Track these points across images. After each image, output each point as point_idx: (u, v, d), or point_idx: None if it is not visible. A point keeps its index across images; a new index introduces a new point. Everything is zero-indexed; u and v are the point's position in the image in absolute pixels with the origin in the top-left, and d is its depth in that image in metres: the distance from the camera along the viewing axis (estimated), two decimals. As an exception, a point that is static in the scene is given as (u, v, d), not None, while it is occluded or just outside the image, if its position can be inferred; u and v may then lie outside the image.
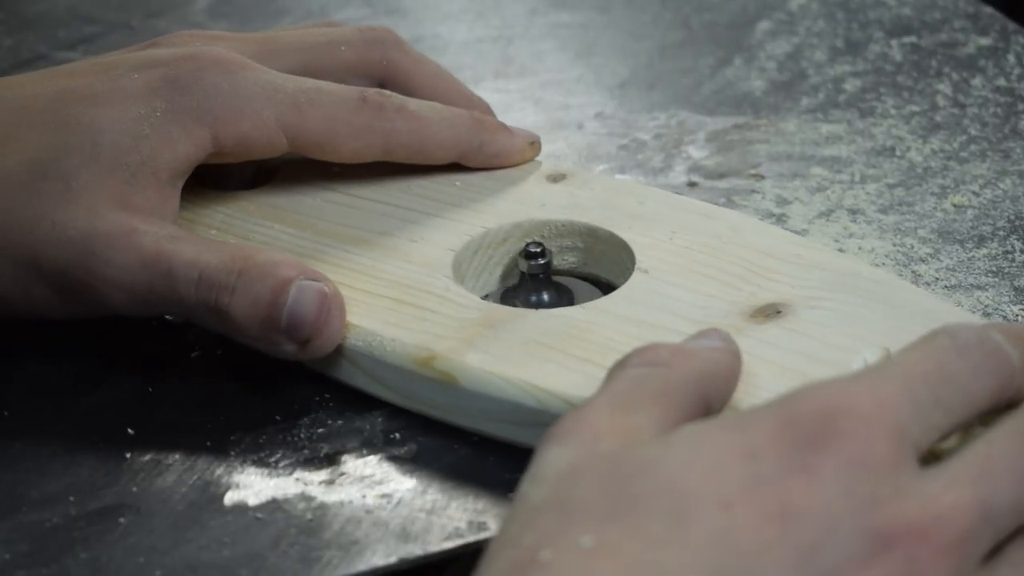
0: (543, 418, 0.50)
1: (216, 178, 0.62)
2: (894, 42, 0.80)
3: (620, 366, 0.45)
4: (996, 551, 0.39)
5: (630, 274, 0.57)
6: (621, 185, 0.63)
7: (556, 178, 0.63)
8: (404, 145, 0.61)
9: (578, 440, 0.41)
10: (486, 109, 0.66)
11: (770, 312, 0.53)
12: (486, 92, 0.77)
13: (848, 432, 0.39)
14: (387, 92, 0.61)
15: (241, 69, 0.58)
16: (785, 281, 0.55)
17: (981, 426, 0.42)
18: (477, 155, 0.63)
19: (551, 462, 0.40)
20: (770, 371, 0.50)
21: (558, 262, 0.60)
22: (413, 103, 0.61)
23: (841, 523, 0.38)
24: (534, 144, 0.64)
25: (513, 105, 0.76)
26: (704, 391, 0.44)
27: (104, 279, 0.54)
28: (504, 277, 0.60)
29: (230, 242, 0.58)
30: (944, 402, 0.41)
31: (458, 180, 0.63)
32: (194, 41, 0.61)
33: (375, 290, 0.56)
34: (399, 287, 0.56)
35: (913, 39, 0.80)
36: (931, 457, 0.41)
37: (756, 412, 0.40)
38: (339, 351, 0.55)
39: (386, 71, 0.64)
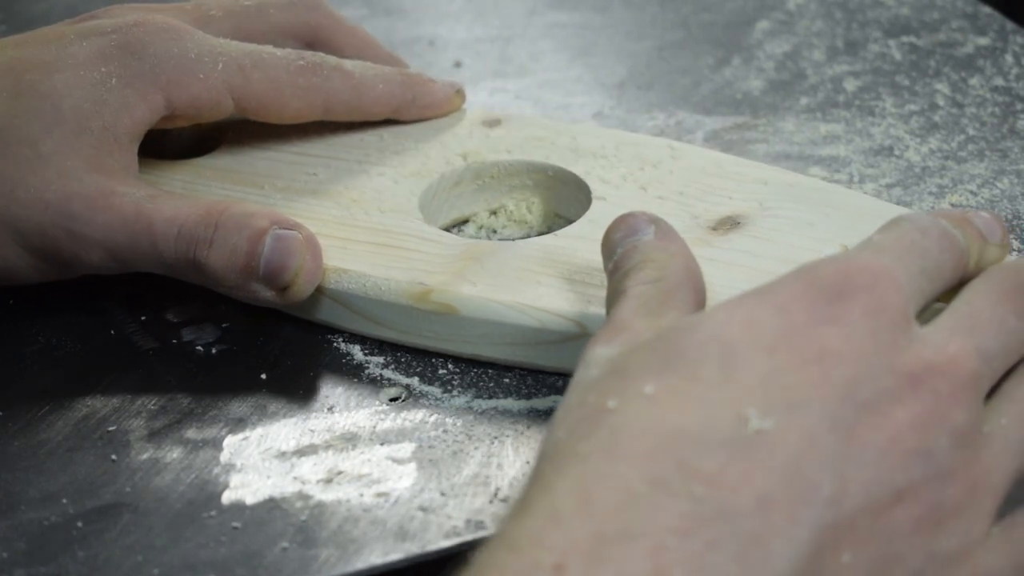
0: (543, 336, 0.55)
1: (155, 148, 0.63)
2: (892, 42, 0.80)
3: (620, 292, 0.48)
4: (992, 392, 0.45)
5: (586, 204, 0.61)
6: (557, 124, 0.67)
7: (492, 123, 0.67)
8: (343, 103, 0.64)
9: (621, 338, 0.45)
10: (406, 66, 0.69)
11: (730, 224, 0.58)
12: (484, 92, 0.77)
13: (865, 285, 0.43)
14: (322, 54, 0.64)
15: (187, 34, 0.60)
16: (735, 196, 0.60)
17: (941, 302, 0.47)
18: (410, 108, 0.66)
19: (601, 353, 0.44)
20: (745, 274, 0.55)
21: (510, 201, 0.64)
22: (348, 63, 0.64)
23: (872, 363, 0.42)
24: (459, 92, 0.68)
25: (511, 105, 0.76)
26: (691, 279, 0.49)
27: (84, 239, 0.57)
28: (457, 217, 0.64)
29: (206, 198, 0.59)
30: (925, 271, 0.46)
31: (398, 132, 0.66)
32: (131, 12, 0.62)
33: (353, 236, 0.59)
34: (376, 232, 0.59)
35: (912, 39, 0.80)
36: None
37: (779, 279, 0.44)
38: (331, 295, 0.57)
39: (313, 33, 0.67)
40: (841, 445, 0.41)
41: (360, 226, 0.60)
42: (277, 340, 0.59)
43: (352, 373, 0.57)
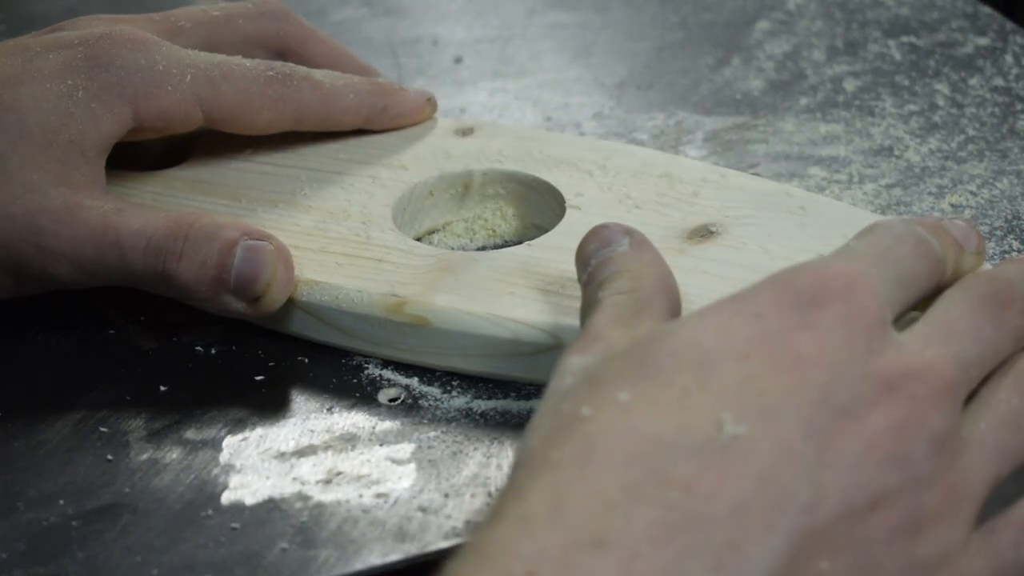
0: (518, 348, 0.54)
1: (125, 159, 0.63)
2: (892, 42, 0.80)
3: (595, 303, 0.48)
4: (969, 400, 0.45)
5: (560, 213, 0.60)
6: (529, 132, 0.67)
7: (465, 132, 0.66)
8: (314, 113, 0.63)
9: (596, 348, 0.45)
10: (377, 74, 0.68)
11: (704, 233, 0.58)
12: (484, 92, 0.77)
13: (840, 291, 0.43)
14: (291, 64, 0.63)
15: (155, 46, 0.60)
16: (710, 204, 0.59)
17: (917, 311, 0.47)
18: (381, 118, 0.66)
19: (575, 363, 0.44)
20: (719, 283, 0.54)
21: (483, 210, 0.64)
22: (318, 73, 0.64)
23: (847, 369, 0.42)
24: (431, 101, 0.67)
25: (511, 105, 0.76)
26: (666, 290, 0.48)
27: (52, 253, 0.56)
28: (431, 226, 0.64)
29: (175, 210, 0.59)
30: (900, 278, 0.46)
31: (370, 142, 0.65)
32: (98, 23, 0.62)
33: (326, 248, 0.59)
34: (348, 243, 0.59)
35: (911, 39, 0.80)
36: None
37: (754, 286, 0.44)
38: (303, 308, 0.57)
39: (282, 42, 0.66)
40: (817, 452, 0.40)
41: (332, 237, 0.59)
42: (276, 340, 0.58)
43: (351, 373, 0.57)
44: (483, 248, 0.63)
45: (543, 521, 0.38)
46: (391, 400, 0.55)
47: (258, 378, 0.57)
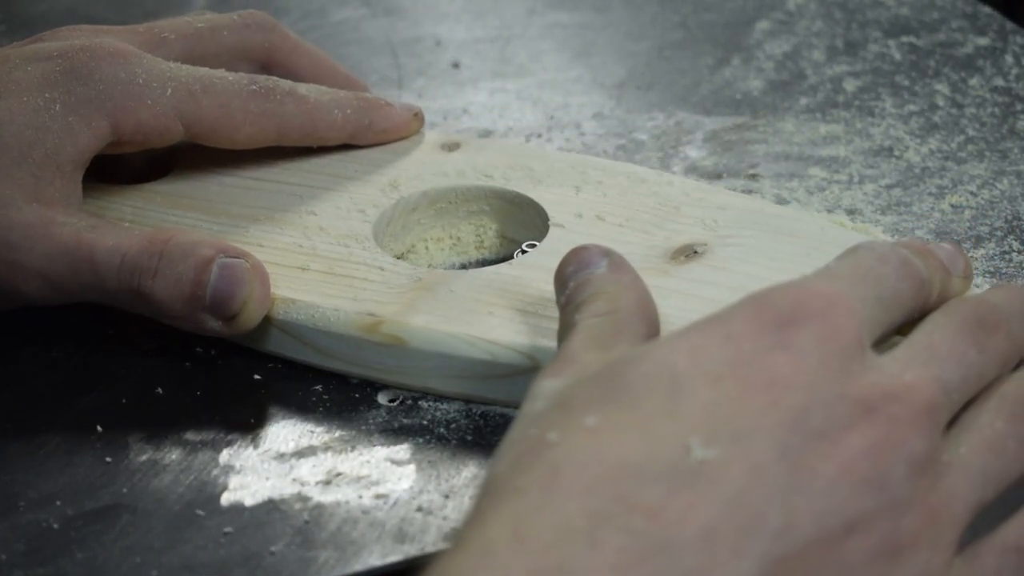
0: (494, 369, 0.53)
1: (106, 172, 0.63)
2: (892, 42, 0.80)
3: (572, 325, 0.47)
4: (951, 423, 0.44)
5: (544, 231, 0.60)
6: (517, 148, 0.66)
7: (451, 147, 0.66)
8: (297, 128, 0.62)
9: (569, 371, 0.44)
10: (365, 88, 0.68)
11: (688, 252, 0.57)
12: (484, 92, 0.77)
13: (817, 311, 0.42)
14: (275, 78, 0.63)
15: (135, 59, 0.59)
16: (695, 223, 0.59)
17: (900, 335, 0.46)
18: (366, 133, 0.65)
19: (547, 386, 0.43)
20: (702, 305, 0.53)
21: (467, 226, 0.63)
22: (302, 87, 0.63)
23: (823, 390, 0.41)
24: (417, 116, 0.67)
25: (511, 105, 0.76)
26: (644, 312, 0.48)
27: (24, 269, 0.56)
28: (413, 243, 0.63)
29: (149, 228, 0.58)
30: (882, 299, 0.45)
31: (355, 157, 0.65)
32: (80, 34, 0.61)
33: (305, 265, 0.58)
34: (328, 260, 0.58)
35: (911, 39, 0.80)
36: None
37: (729, 307, 0.43)
38: (279, 326, 0.56)
39: (268, 54, 0.66)
40: (790, 475, 0.39)
41: (312, 254, 0.58)
42: (276, 341, 0.59)
43: (351, 374, 0.57)
44: (465, 265, 0.62)
45: (504, 548, 0.38)
46: (391, 400, 0.55)
47: (257, 378, 0.57)
